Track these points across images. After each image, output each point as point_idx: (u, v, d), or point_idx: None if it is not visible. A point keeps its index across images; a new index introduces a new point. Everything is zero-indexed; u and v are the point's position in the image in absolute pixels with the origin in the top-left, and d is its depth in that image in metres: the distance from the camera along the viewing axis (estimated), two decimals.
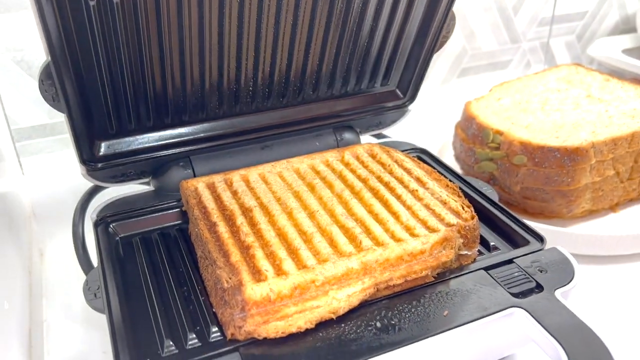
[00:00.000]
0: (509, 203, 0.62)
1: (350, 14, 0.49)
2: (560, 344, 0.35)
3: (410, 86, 0.58)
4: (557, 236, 0.57)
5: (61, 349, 0.48)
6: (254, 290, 0.36)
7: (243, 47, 0.47)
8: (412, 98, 0.58)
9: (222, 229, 0.42)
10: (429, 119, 0.77)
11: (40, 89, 0.42)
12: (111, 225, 0.48)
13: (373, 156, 0.53)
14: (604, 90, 0.67)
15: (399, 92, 0.58)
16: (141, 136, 0.50)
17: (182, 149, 0.51)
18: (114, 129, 0.48)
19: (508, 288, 0.40)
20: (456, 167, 0.68)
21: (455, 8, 0.51)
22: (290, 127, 0.55)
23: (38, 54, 0.56)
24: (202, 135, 0.52)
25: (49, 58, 0.40)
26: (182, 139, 0.51)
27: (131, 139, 0.50)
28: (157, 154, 0.50)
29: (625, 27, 0.92)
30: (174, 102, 0.49)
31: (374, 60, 0.55)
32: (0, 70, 0.55)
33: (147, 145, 0.50)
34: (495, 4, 0.79)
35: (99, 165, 0.48)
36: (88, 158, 0.48)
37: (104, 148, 0.49)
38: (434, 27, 0.53)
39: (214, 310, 0.39)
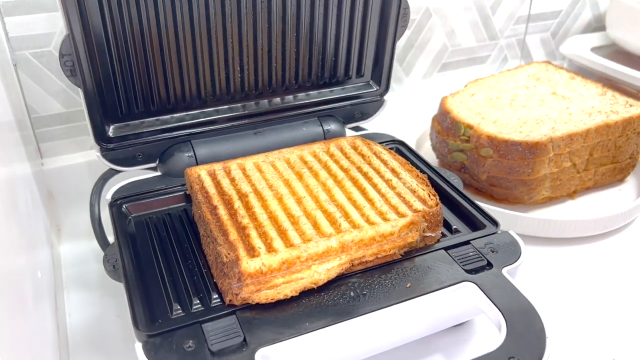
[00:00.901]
0: (477, 189, 0.70)
1: (317, 8, 0.58)
2: (501, 311, 0.43)
3: (382, 77, 0.65)
4: (519, 220, 0.64)
5: (80, 312, 0.55)
6: (248, 264, 0.43)
7: (228, 39, 0.56)
8: (386, 89, 0.65)
9: (222, 211, 0.49)
10: (412, 111, 0.84)
11: (60, 62, 0.50)
12: (124, 206, 0.54)
13: (355, 148, 0.60)
14: (568, 88, 0.74)
15: (373, 83, 0.65)
16: (147, 120, 0.57)
17: (183, 132, 0.58)
18: (124, 112, 0.56)
19: (463, 265, 0.47)
20: (432, 155, 0.75)
21: (436, 7, 0.58)
22: (278, 114, 0.62)
23: (55, 51, 0.62)
24: (199, 120, 0.59)
25: (68, 31, 0.48)
26: (182, 123, 0.58)
27: (138, 122, 0.57)
28: (161, 137, 0.57)
29: (598, 25, 0.98)
30: (174, 88, 0.56)
31: (345, 52, 0.62)
32: (23, 64, 0.61)
33: (152, 128, 0.57)
34: (475, 3, 0.85)
35: (111, 145, 0.55)
36: (101, 138, 0.55)
37: (114, 129, 0.56)
38: (392, 18, 0.61)
39: (214, 280, 0.46)
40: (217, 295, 0.45)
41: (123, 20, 0.51)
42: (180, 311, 0.44)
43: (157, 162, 0.59)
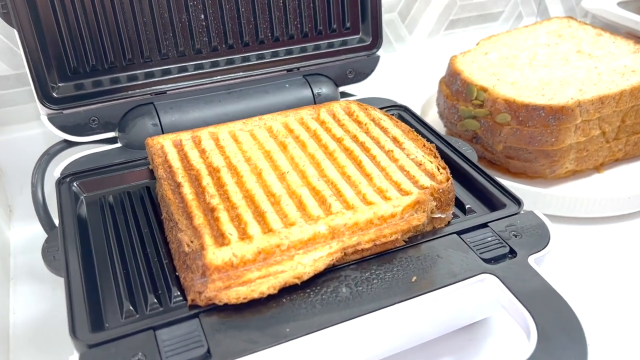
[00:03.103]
0: (491, 162, 0.61)
1: None
2: (530, 313, 0.34)
3: (371, 27, 0.56)
4: (538, 198, 0.56)
5: (27, 308, 0.47)
6: (215, 255, 0.35)
7: None
8: (378, 41, 0.57)
9: (187, 189, 0.41)
10: (416, 73, 0.75)
11: None
12: (75, 184, 0.46)
13: (350, 114, 0.51)
14: (595, 46, 0.65)
15: (363, 36, 0.57)
16: (100, 78, 0.49)
17: (143, 91, 0.50)
18: (72, 67, 0.48)
19: (480, 253, 0.39)
20: (440, 124, 0.66)
21: None
22: (253, 70, 0.53)
23: None
24: (162, 78, 0.50)
25: None
26: (142, 81, 0.50)
27: (90, 80, 0.49)
28: (118, 96, 0.49)
29: None
30: (128, 38, 0.48)
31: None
32: None
33: (106, 87, 0.49)
34: None
35: (59, 107, 0.47)
36: (46, 97, 0.47)
37: (62, 89, 0.48)
38: None
39: (177, 273, 0.38)
40: (179, 293, 0.37)
41: None
42: (133, 313, 0.35)
43: (117, 131, 0.50)
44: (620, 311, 0.46)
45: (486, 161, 0.61)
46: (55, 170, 0.47)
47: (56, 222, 0.46)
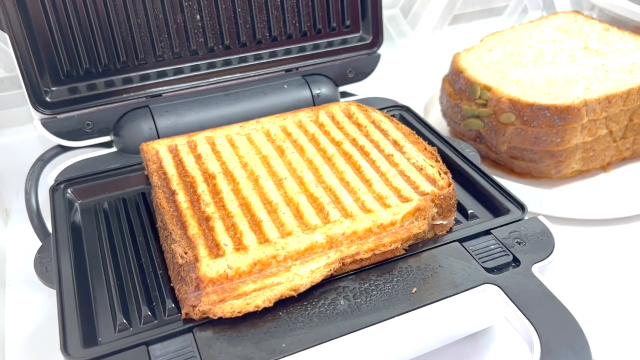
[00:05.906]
0: (495, 162, 0.60)
1: None
2: (533, 326, 0.33)
3: (372, 26, 0.55)
4: (544, 199, 0.54)
5: (23, 317, 0.46)
6: (209, 267, 0.34)
7: None
8: (378, 39, 0.56)
9: (181, 198, 0.40)
10: (418, 71, 0.73)
11: None
12: (69, 190, 0.45)
13: (349, 116, 0.50)
14: (602, 42, 0.63)
15: (363, 35, 0.56)
16: (94, 81, 0.48)
17: (138, 94, 0.49)
18: (65, 71, 0.47)
19: (482, 262, 0.38)
20: (443, 124, 0.64)
21: None
22: (251, 71, 0.52)
23: None
24: (157, 80, 0.50)
25: None
26: (136, 84, 0.49)
27: (84, 84, 0.48)
28: (113, 100, 0.48)
29: None
30: (122, 40, 0.47)
31: None
32: None
33: (100, 91, 0.48)
34: None
35: (52, 112, 0.47)
36: (39, 102, 0.46)
37: (56, 93, 0.47)
38: None
39: (172, 284, 0.37)
40: (173, 305, 0.36)
41: None
42: (127, 326, 0.35)
43: (113, 135, 0.49)
44: (629, 321, 0.45)
45: (490, 161, 0.60)
46: (49, 176, 0.46)
47: (50, 229, 0.45)
